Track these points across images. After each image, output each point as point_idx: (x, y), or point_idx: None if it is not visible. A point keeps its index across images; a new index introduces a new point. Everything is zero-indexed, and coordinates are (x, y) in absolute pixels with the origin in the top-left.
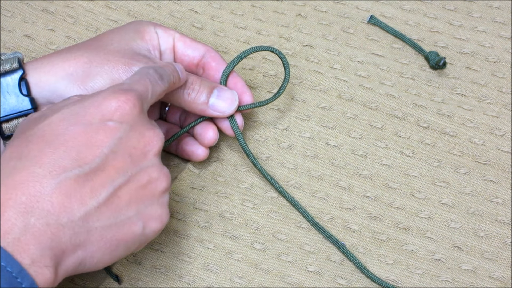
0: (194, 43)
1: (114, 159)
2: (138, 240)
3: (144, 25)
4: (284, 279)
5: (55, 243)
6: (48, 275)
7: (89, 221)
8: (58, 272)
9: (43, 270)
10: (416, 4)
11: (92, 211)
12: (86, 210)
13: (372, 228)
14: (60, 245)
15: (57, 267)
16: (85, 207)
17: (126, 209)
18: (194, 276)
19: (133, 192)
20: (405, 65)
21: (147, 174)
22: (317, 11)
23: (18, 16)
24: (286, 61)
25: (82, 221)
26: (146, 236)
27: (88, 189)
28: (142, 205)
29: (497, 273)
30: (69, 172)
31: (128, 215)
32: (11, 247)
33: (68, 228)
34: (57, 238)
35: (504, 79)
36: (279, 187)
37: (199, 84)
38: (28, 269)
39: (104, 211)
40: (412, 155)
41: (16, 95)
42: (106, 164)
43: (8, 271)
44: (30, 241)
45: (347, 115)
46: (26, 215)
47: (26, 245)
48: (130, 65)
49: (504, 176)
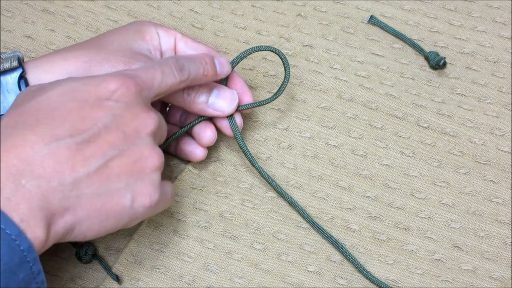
0: (195, 43)
1: (106, 133)
2: (127, 214)
3: (145, 26)
4: (284, 279)
5: (45, 204)
6: (39, 234)
7: (79, 187)
8: (49, 233)
9: (33, 230)
10: (416, 4)
11: (82, 177)
12: (76, 176)
13: (372, 228)
14: (50, 206)
15: (48, 228)
16: (76, 173)
17: (116, 181)
18: (194, 276)
19: (123, 166)
20: (405, 65)
21: (139, 151)
22: (317, 11)
23: (18, 16)
24: (286, 61)
25: (72, 186)
26: (135, 210)
27: (79, 157)
28: (132, 179)
29: (497, 273)
30: (62, 140)
31: (117, 186)
32: (2, 207)
33: (58, 191)
34: (47, 199)
35: (504, 79)
36: (278, 187)
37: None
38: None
39: (94, 179)
40: (412, 155)
41: (15, 94)
42: (99, 137)
43: (7, 233)
44: (20, 201)
45: (347, 115)
46: (17, 177)
47: (16, 204)
48: (130, 65)
49: (504, 176)
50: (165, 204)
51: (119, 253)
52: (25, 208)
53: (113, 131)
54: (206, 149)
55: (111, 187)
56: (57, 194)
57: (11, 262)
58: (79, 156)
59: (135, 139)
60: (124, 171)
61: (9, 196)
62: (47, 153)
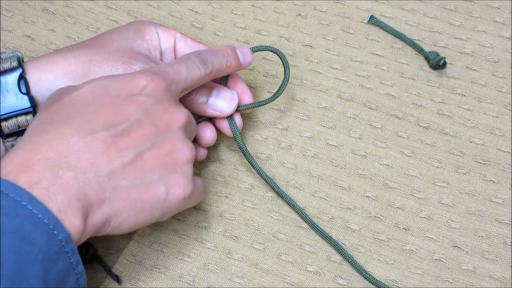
0: (195, 43)
1: (139, 127)
2: (161, 206)
3: (145, 25)
4: (284, 279)
5: (82, 195)
6: (76, 224)
7: (115, 179)
8: (87, 224)
9: (71, 219)
10: (416, 4)
11: (118, 169)
12: (112, 168)
13: (372, 228)
14: (87, 197)
15: (85, 218)
16: (111, 165)
17: (150, 173)
18: (194, 276)
19: (157, 158)
20: (405, 65)
21: (171, 144)
22: (317, 11)
23: (18, 16)
24: (286, 61)
25: (108, 178)
26: (169, 202)
27: (114, 150)
28: (166, 171)
29: (497, 273)
30: (96, 133)
31: (152, 178)
32: (40, 197)
33: (94, 182)
34: (84, 190)
35: (504, 79)
36: (277, 187)
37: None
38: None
39: (129, 171)
40: (412, 155)
41: (15, 94)
42: (132, 130)
43: (45, 223)
44: (58, 191)
45: (347, 115)
46: (54, 168)
47: (54, 195)
48: (129, 64)
49: (504, 176)
50: (197, 198)
51: (119, 253)
52: (63, 198)
53: (145, 124)
54: (206, 149)
55: (146, 179)
56: (93, 185)
57: (50, 251)
58: (114, 149)
59: (166, 133)
60: (157, 164)
61: (46, 186)
62: (83, 145)
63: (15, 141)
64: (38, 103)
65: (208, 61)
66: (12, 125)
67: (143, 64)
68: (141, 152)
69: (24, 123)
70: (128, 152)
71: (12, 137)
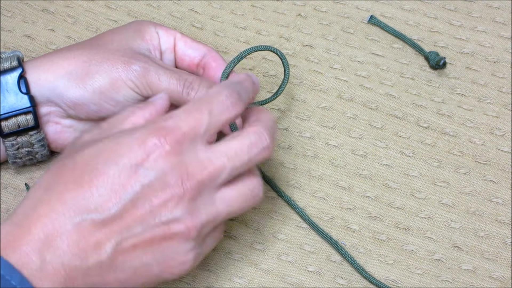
0: (195, 43)
1: (133, 208)
2: (155, 282)
3: (145, 25)
4: (284, 279)
5: (69, 283)
6: None
7: (103, 265)
8: None
9: None
10: (416, 4)
11: (106, 256)
12: (100, 254)
13: (372, 228)
14: (73, 284)
15: None
16: (100, 251)
17: (143, 257)
18: (194, 276)
19: (151, 241)
20: (405, 65)
21: (168, 226)
22: (317, 11)
23: (18, 16)
24: (286, 61)
25: (96, 265)
26: (165, 279)
27: (103, 235)
28: (161, 254)
29: (497, 273)
30: (87, 215)
31: (145, 262)
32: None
33: (82, 270)
34: (71, 277)
35: (504, 79)
36: (277, 187)
37: (198, 83)
38: None
39: (120, 256)
40: (412, 155)
41: (15, 93)
42: (125, 212)
43: None
44: (44, 277)
45: (347, 115)
46: (42, 252)
47: (41, 280)
48: (129, 64)
49: (504, 176)
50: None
51: None
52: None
53: (140, 205)
54: None
55: (137, 263)
56: (80, 272)
57: None
58: (103, 233)
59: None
60: (151, 247)
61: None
62: (72, 228)
63: (15, 140)
64: (38, 103)
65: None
66: (12, 124)
67: (143, 63)
68: (132, 236)
69: (24, 122)
70: (118, 236)
71: (12, 137)
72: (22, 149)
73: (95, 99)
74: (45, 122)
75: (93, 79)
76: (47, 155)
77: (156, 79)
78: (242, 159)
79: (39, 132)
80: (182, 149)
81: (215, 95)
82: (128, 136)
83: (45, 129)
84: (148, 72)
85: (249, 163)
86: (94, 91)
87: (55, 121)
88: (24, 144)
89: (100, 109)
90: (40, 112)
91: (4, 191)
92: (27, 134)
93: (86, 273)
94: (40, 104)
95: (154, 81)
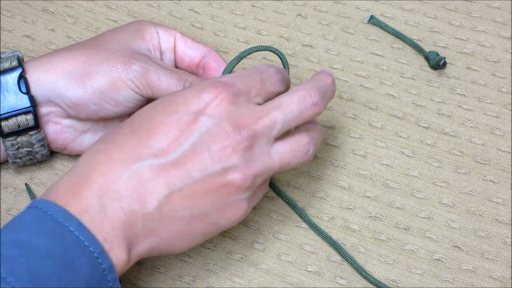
0: (195, 43)
1: (192, 154)
2: (213, 231)
3: (145, 25)
4: (284, 279)
5: (128, 227)
6: (120, 254)
7: (162, 209)
8: (131, 254)
9: (116, 250)
10: (416, 4)
11: (165, 201)
12: (159, 199)
13: (372, 228)
14: (133, 229)
15: (130, 248)
16: (158, 196)
17: (200, 203)
18: (194, 276)
19: (208, 188)
20: (405, 65)
21: (224, 172)
22: (317, 11)
23: (18, 16)
24: (286, 61)
25: (154, 208)
26: (222, 226)
27: (162, 180)
28: (216, 201)
29: (497, 273)
30: (145, 161)
31: (201, 208)
32: (88, 225)
33: (141, 214)
34: (130, 222)
35: (504, 79)
36: (276, 188)
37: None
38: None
39: (178, 202)
40: (412, 155)
41: (15, 93)
42: (183, 157)
43: (90, 250)
44: (104, 221)
45: (347, 115)
46: (101, 197)
47: (100, 224)
48: (129, 64)
49: (504, 176)
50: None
51: None
52: (108, 228)
53: (198, 151)
54: None
55: (195, 209)
56: (139, 217)
57: (92, 279)
58: (162, 178)
59: (223, 159)
60: (208, 194)
61: (93, 215)
62: (130, 174)
63: (15, 140)
64: (38, 103)
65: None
66: (12, 124)
67: (143, 63)
68: (191, 182)
69: (24, 122)
70: (177, 182)
71: (12, 137)
72: (22, 149)
73: (95, 99)
74: (45, 122)
75: (93, 79)
76: (47, 155)
77: (156, 79)
78: (293, 113)
79: (39, 132)
80: (238, 101)
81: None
82: (185, 90)
83: (45, 129)
84: (148, 72)
85: (300, 117)
86: (94, 91)
87: (55, 121)
88: (24, 144)
89: (100, 109)
90: (40, 112)
91: (4, 191)
92: (27, 134)
93: (145, 218)
94: (40, 104)
95: (154, 81)
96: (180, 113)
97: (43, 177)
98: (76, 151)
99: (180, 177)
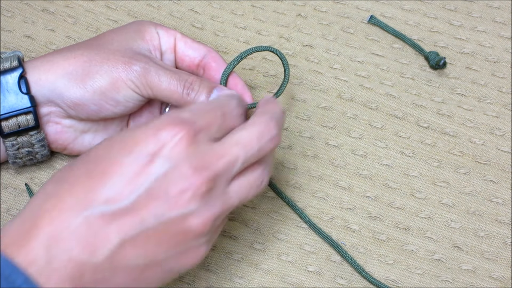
0: (195, 43)
1: (148, 199)
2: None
3: (145, 25)
4: (284, 279)
5: (77, 279)
6: None
7: (114, 260)
8: None
9: None
10: (416, 4)
11: (117, 250)
12: (110, 248)
13: (372, 228)
14: (82, 280)
15: None
16: (109, 246)
17: (155, 251)
18: (194, 276)
19: (164, 235)
20: (405, 65)
21: (182, 218)
22: (317, 11)
23: (18, 16)
24: (285, 61)
25: (105, 260)
26: (178, 272)
27: (113, 228)
28: (174, 249)
29: (497, 273)
30: (97, 207)
31: (157, 257)
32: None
33: (90, 265)
34: (79, 273)
35: (504, 79)
36: (276, 188)
37: (198, 84)
38: None
39: (131, 251)
40: (412, 155)
41: (15, 93)
42: (138, 204)
43: None
44: (52, 273)
45: (347, 115)
46: (49, 247)
47: (48, 276)
48: (129, 64)
49: (504, 176)
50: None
51: None
52: (57, 280)
53: (154, 197)
54: None
55: (150, 258)
56: (88, 267)
57: None
58: (113, 226)
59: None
60: (164, 241)
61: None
62: (79, 222)
63: (15, 140)
64: (38, 103)
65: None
66: (12, 124)
67: (144, 64)
68: (145, 230)
69: (24, 122)
70: (130, 230)
71: (12, 137)
72: (22, 149)
73: (96, 99)
74: (46, 122)
75: (93, 79)
76: (47, 155)
77: (156, 80)
78: (253, 148)
79: (40, 132)
80: (198, 140)
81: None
82: (143, 128)
83: (46, 129)
84: (149, 72)
85: (260, 152)
86: (94, 91)
87: (55, 121)
88: (25, 144)
89: (100, 109)
90: (40, 112)
91: (4, 191)
92: (27, 134)
93: (95, 269)
94: (41, 104)
95: (154, 82)
96: (136, 154)
97: (43, 177)
98: (76, 151)
99: (133, 225)
